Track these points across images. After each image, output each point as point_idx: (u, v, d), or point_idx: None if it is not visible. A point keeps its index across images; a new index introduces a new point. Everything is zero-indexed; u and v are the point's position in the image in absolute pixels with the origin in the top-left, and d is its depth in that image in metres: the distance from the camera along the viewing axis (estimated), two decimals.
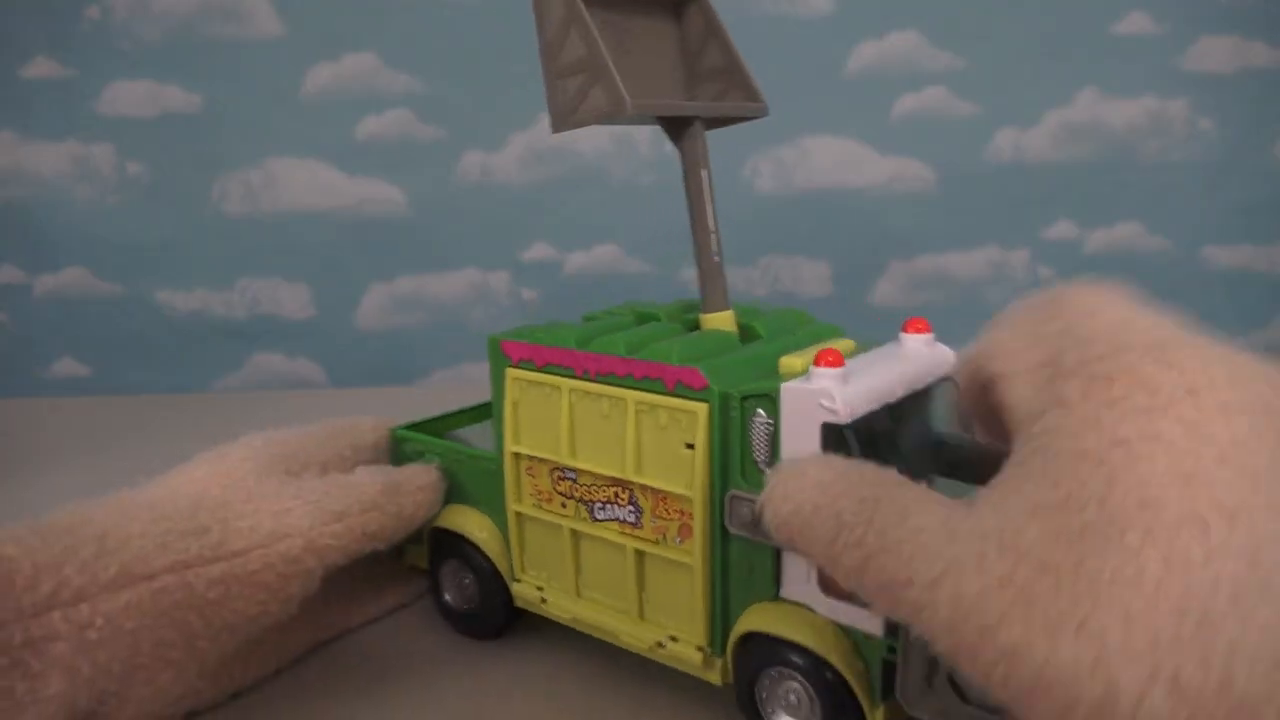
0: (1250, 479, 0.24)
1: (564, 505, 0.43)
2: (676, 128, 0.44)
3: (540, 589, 0.46)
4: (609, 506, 0.42)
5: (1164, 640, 0.22)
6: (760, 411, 0.36)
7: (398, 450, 0.52)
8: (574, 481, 0.43)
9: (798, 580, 0.37)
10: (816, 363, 0.35)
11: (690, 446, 0.38)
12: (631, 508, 0.41)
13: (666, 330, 0.44)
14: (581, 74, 0.40)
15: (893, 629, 0.35)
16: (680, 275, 1.01)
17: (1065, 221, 1.03)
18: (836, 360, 0.34)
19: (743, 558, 0.39)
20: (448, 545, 0.49)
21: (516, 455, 0.44)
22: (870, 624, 0.36)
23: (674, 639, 0.41)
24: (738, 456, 0.37)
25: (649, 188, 1.00)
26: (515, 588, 0.47)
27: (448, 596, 0.50)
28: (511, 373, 0.44)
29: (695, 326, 0.46)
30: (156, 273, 1.03)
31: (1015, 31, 0.98)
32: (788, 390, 0.35)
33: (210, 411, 0.95)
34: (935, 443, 0.39)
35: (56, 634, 0.33)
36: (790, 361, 0.37)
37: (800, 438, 0.35)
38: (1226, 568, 0.23)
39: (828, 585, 0.36)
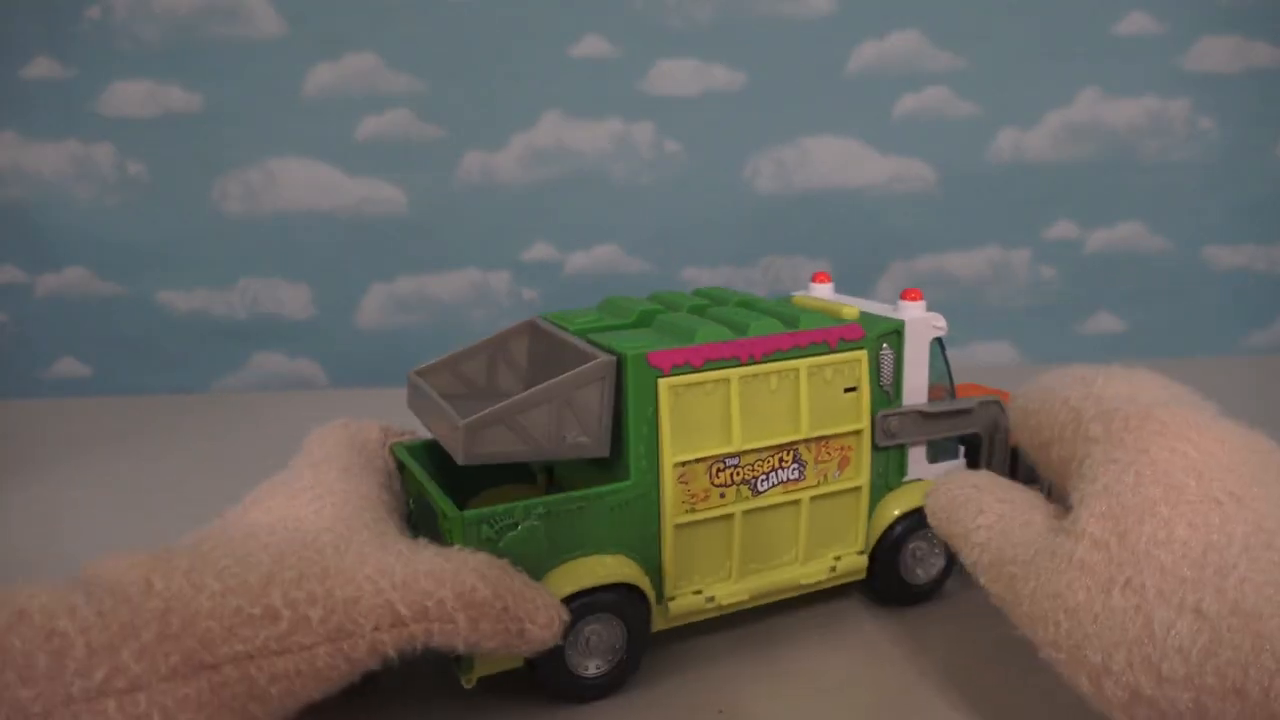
0: (1248, 480, 0.32)
1: (723, 495, 0.45)
2: None
3: (699, 592, 0.45)
4: (773, 474, 0.45)
5: (1189, 581, 0.29)
6: (885, 345, 0.47)
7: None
8: (735, 468, 0.45)
9: (919, 463, 0.50)
10: (904, 298, 0.49)
11: (851, 389, 0.46)
12: (796, 465, 0.46)
13: (758, 306, 0.50)
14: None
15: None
16: (681, 275, 1.01)
17: (1066, 221, 1.03)
18: (919, 295, 0.49)
19: (881, 464, 0.48)
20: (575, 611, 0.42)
21: (677, 465, 0.43)
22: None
23: (838, 558, 0.48)
24: (876, 386, 0.47)
25: (649, 188, 1.00)
26: (673, 606, 0.44)
27: (588, 666, 0.43)
28: (665, 383, 0.42)
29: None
30: (156, 273, 1.03)
31: (1015, 31, 0.98)
32: (912, 321, 0.47)
33: (210, 412, 0.95)
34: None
35: None
36: (845, 309, 0.49)
37: (918, 358, 0.48)
38: (1238, 530, 0.30)
39: None
